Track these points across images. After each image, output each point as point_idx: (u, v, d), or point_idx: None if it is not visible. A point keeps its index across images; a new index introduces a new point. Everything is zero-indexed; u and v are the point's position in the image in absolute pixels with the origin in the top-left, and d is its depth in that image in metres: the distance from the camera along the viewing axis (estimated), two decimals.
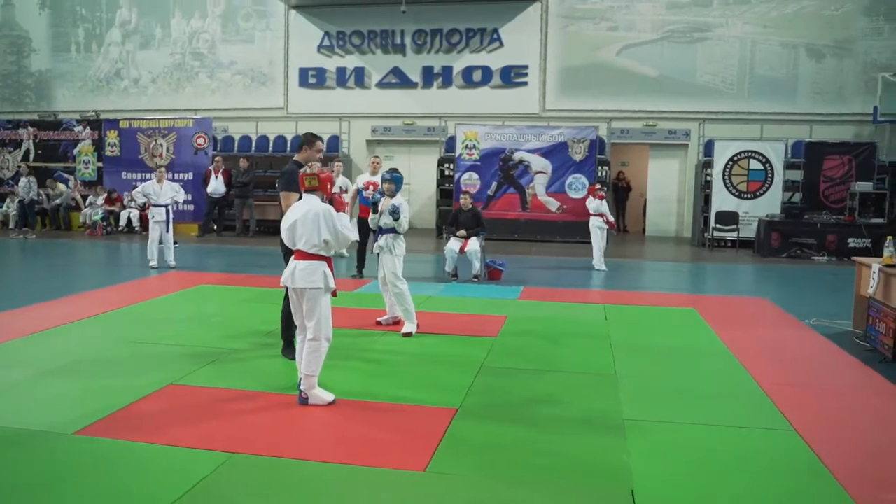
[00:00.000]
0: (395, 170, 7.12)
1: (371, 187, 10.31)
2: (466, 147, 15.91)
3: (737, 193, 14.80)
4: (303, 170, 5.11)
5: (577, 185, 15.41)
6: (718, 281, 11.50)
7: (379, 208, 6.93)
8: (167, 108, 18.65)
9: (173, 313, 7.84)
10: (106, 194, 16.78)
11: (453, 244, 10.26)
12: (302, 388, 4.90)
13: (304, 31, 18.32)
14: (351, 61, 18.23)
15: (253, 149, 17.61)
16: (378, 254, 7.06)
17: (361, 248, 10.52)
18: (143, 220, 16.73)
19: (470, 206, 10.56)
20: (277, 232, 5.36)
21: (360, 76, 18.20)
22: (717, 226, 14.76)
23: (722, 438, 4.33)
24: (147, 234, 11.90)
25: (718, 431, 4.44)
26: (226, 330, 6.98)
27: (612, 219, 11.90)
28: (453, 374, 5.58)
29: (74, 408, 4.78)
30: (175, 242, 11.71)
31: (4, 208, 17.19)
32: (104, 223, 16.32)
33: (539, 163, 15.59)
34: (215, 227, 16.40)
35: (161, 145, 17.15)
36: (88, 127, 17.67)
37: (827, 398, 5.15)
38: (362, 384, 5.36)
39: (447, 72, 17.79)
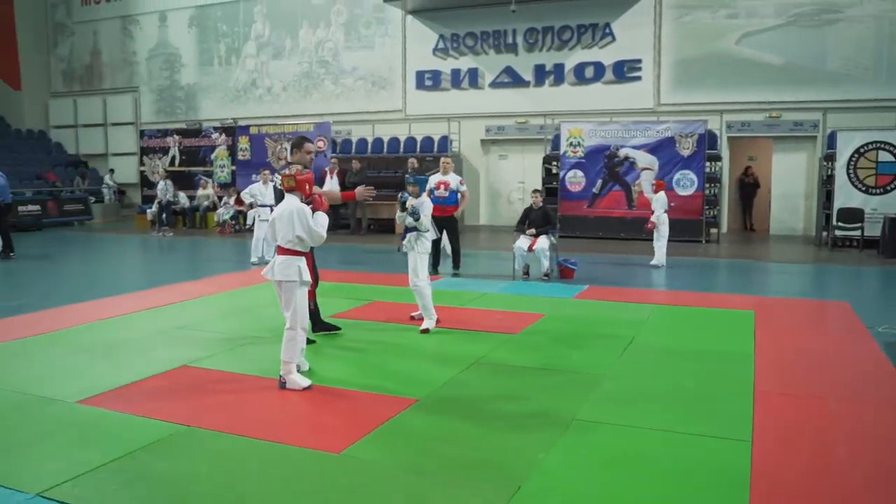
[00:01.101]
0: (419, 170, 7.26)
1: (442, 187, 10.54)
2: (571, 144, 15.69)
3: (863, 188, 13.54)
4: (283, 171, 5.44)
5: (685, 181, 14.75)
6: (808, 283, 10.67)
7: (407, 207, 7.08)
8: (296, 113, 19.86)
9: (233, 304, 8.45)
10: (236, 195, 18.13)
11: (522, 242, 10.24)
12: (281, 373, 5.21)
13: (421, 35, 18.83)
14: (465, 62, 18.51)
15: (369, 150, 18.35)
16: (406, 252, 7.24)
17: (436, 248, 10.73)
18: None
19: (540, 205, 10.47)
20: (390, 230, 5.93)
21: (473, 77, 18.45)
22: (840, 224, 13.58)
23: (662, 444, 4.14)
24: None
25: (664, 437, 4.24)
26: (269, 321, 7.40)
27: (653, 219, 11.54)
28: (438, 368, 5.67)
29: (90, 381, 5.39)
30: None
31: (153, 208, 19.05)
32: (233, 222, 17.67)
33: (645, 159, 15.07)
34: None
35: (286, 149, 18.27)
36: (224, 133, 19.21)
37: (822, 413, 4.71)
38: (344, 373, 5.61)
39: (559, 69, 17.62)
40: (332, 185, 16.61)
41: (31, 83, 23.45)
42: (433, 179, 10.79)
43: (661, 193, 11.57)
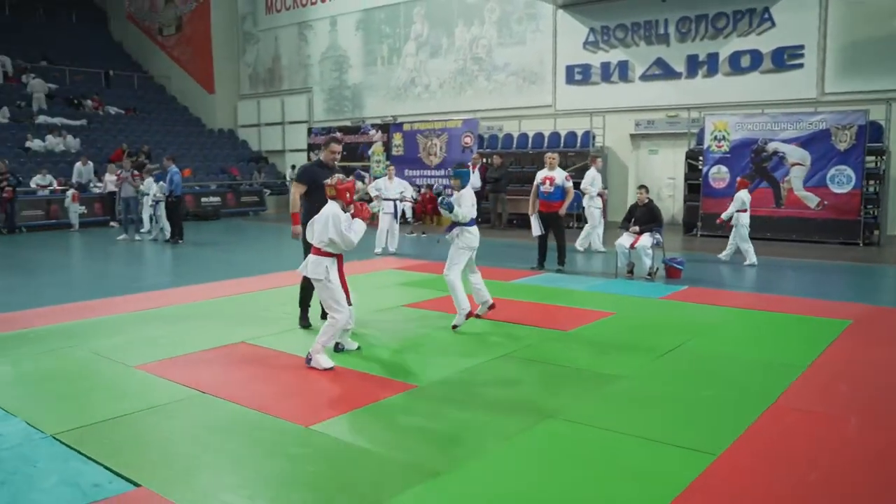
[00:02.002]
0: (461, 165, 7.30)
1: (547, 182, 10.51)
2: (715, 139, 14.86)
3: None
4: (328, 181, 5.82)
5: (840, 178, 13.46)
6: None
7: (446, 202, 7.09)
8: (451, 110, 20.43)
9: None
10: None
11: (624, 240, 9.97)
12: (310, 350, 5.61)
13: (571, 29, 18.65)
14: (615, 55, 18.09)
15: (514, 145, 18.50)
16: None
17: (542, 243, 10.72)
18: (415, 212, 18.73)
19: (647, 201, 10.11)
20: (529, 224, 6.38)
21: (623, 70, 17.97)
22: None
23: (617, 448, 4.03)
24: (414, 225, 14.33)
25: (626, 442, 4.10)
26: (364, 306, 7.77)
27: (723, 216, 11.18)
28: (458, 359, 5.82)
29: (158, 350, 6.11)
30: (423, 233, 13.25)
31: None
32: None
33: (796, 154, 13.93)
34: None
35: (435, 144, 18.94)
36: (380, 130, 20.21)
37: (828, 434, 4.29)
38: (365, 357, 5.92)
39: (712, 59, 16.69)
40: (474, 179, 17.05)
41: (223, 87, 26.03)
42: (540, 175, 10.77)
43: (742, 192, 11.09)
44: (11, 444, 4.16)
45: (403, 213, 18.61)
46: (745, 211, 10.97)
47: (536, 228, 10.65)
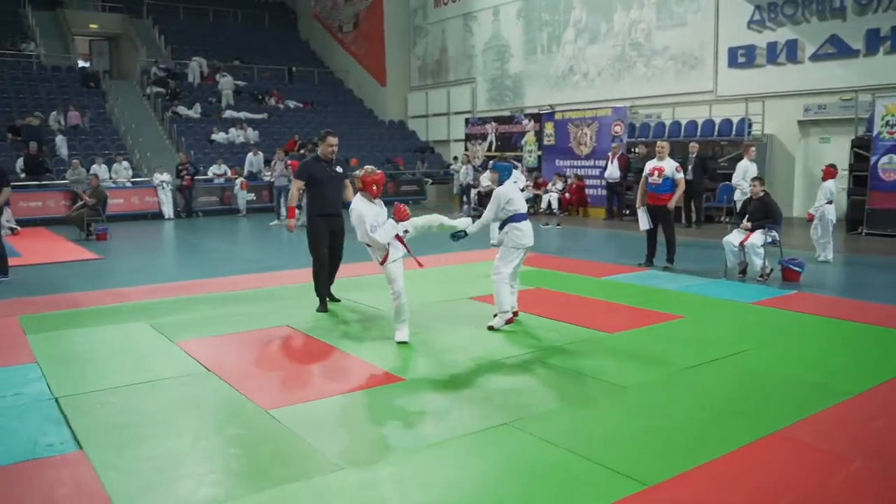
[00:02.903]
0: (503, 158, 6.98)
1: (656, 173, 9.91)
2: (888, 124, 13.12)
3: None
4: (356, 173, 5.98)
5: None
6: None
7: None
8: (609, 98, 19.75)
9: (426, 278, 8.94)
10: (533, 180, 18.87)
11: (732, 237, 9.12)
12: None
13: (735, 8, 17.25)
14: (782, 34, 16.48)
15: (666, 134, 17.52)
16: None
17: (651, 238, 10.13)
18: (562, 203, 18.39)
19: (761, 194, 9.17)
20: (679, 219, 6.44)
21: (791, 49, 16.33)
22: None
23: (542, 462, 3.78)
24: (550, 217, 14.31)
25: (561, 457, 3.83)
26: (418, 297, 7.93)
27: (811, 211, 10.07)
28: (468, 357, 5.69)
29: (205, 329, 6.59)
30: (558, 224, 13.12)
31: (455, 191, 20.85)
32: (528, 205, 18.42)
33: None
34: (616, 210, 17.00)
35: (585, 134, 18.44)
36: (532, 120, 20.01)
37: (809, 475, 3.71)
38: (376, 349, 5.98)
39: None
40: (612, 170, 16.42)
41: (395, 80, 27.05)
42: (649, 165, 10.16)
43: (829, 182, 10.08)
44: (21, 402, 4.70)
45: (549, 203, 18.38)
46: (831, 203, 10.00)
47: (644, 222, 10.07)
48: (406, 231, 6.01)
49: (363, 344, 6.08)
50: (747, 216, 9.22)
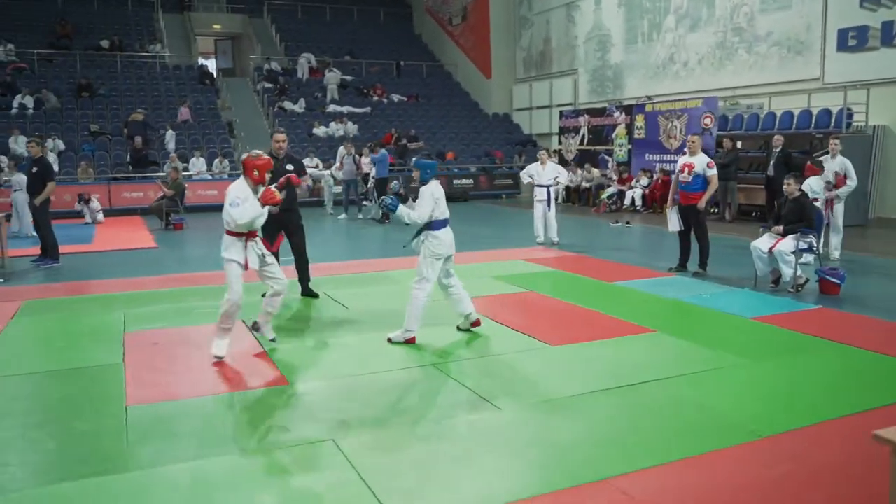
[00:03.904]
0: (427, 155, 6.50)
1: (686, 170, 9.16)
2: None
3: None
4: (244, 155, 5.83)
5: None
6: None
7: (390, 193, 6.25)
8: (708, 88, 18.52)
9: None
10: (618, 174, 18.04)
11: (762, 242, 8.22)
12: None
13: None
14: None
15: (759, 126, 16.14)
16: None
17: (683, 240, 9.36)
18: (645, 200, 17.47)
19: (795, 195, 8.19)
20: (762, 218, 6.21)
21: None
22: None
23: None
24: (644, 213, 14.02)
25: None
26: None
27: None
28: (372, 360, 5.50)
29: (163, 320, 6.78)
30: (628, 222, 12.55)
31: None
32: (609, 201, 17.66)
33: None
34: None
35: (675, 126, 17.38)
36: (623, 112, 19.11)
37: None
38: (289, 350, 5.84)
39: None
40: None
41: (499, 72, 26.72)
42: (679, 161, 9.39)
43: (811, 180, 9.40)
44: None
45: (633, 200, 17.52)
46: (815, 201, 8.92)
47: (674, 223, 9.32)
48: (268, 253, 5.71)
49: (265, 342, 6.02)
50: (779, 218, 8.31)
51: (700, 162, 9.05)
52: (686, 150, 9.35)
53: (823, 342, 5.95)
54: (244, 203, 5.42)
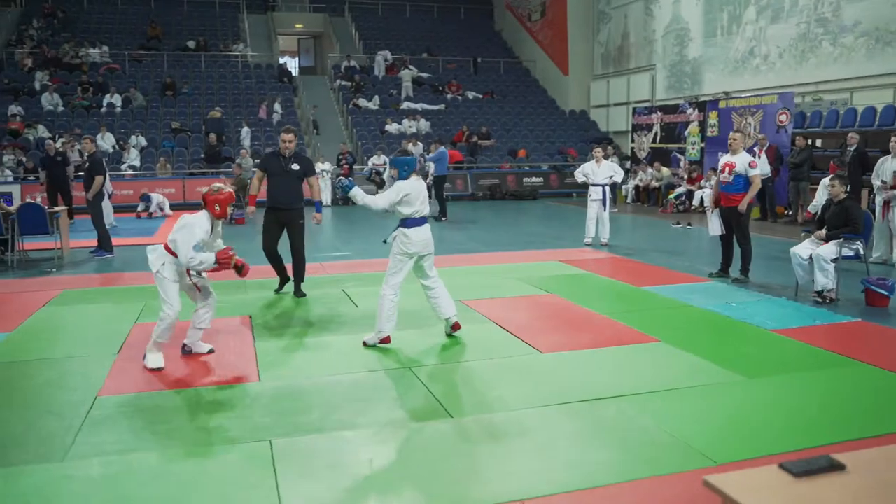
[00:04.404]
0: (404, 151, 6.30)
1: (727, 169, 8.69)
2: None
3: None
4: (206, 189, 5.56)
5: None
6: None
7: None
8: (789, 83, 17.55)
9: (474, 278, 8.78)
10: (688, 174, 17.36)
11: (802, 248, 7.69)
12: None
13: None
14: None
15: (838, 124, 15.15)
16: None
17: (726, 244, 8.90)
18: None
19: (841, 197, 7.60)
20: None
21: None
22: None
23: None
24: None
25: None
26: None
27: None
28: (336, 364, 5.46)
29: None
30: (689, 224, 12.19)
31: (626, 185, 19.71)
32: (676, 201, 17.01)
33: None
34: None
35: (749, 123, 16.56)
36: (696, 109, 18.36)
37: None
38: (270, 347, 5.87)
39: None
40: (761, 164, 14.73)
41: (577, 68, 26.18)
42: (722, 160, 8.90)
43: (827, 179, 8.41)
44: None
45: (701, 200, 16.78)
46: None
47: (715, 227, 8.85)
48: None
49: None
50: (823, 222, 7.75)
51: (741, 161, 8.55)
52: (728, 147, 8.84)
53: (842, 359, 5.48)
54: (201, 254, 5.14)
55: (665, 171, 18.66)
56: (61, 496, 3.40)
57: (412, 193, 5.77)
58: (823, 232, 7.62)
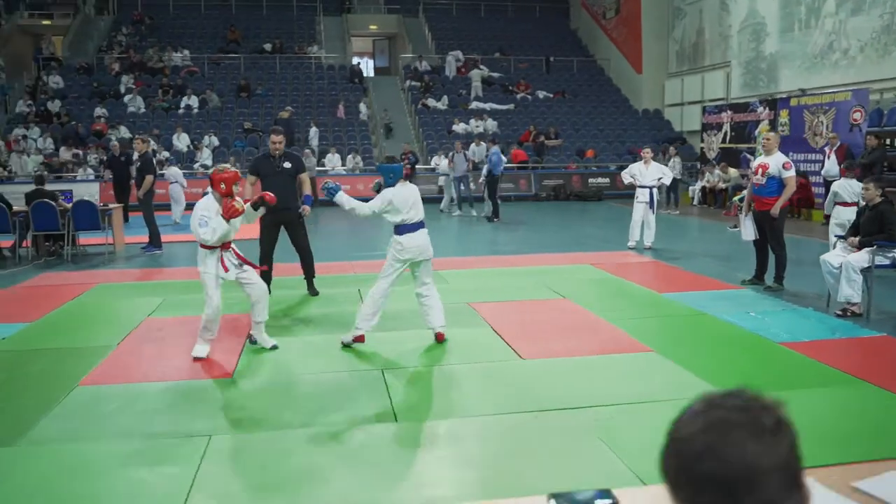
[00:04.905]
0: (391, 158, 6.20)
1: (760, 170, 8.29)
2: None
3: None
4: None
5: None
6: None
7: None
8: (871, 78, 16.57)
9: (493, 281, 8.74)
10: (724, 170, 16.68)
11: (833, 255, 7.23)
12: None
13: None
14: None
15: None
16: None
17: (760, 250, 8.49)
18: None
19: (876, 202, 7.09)
20: None
21: None
22: None
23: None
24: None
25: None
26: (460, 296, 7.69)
27: None
28: (310, 360, 5.49)
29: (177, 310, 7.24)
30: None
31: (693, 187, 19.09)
32: (741, 203, 16.30)
33: None
34: None
35: (821, 122, 15.73)
36: (766, 107, 17.58)
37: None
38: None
39: None
40: (829, 165, 14.06)
41: (651, 66, 25.46)
42: (755, 161, 8.49)
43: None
44: None
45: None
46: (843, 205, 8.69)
47: (749, 232, 8.44)
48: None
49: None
50: (857, 228, 7.28)
51: (775, 162, 8.14)
52: (763, 148, 8.43)
53: (847, 378, 5.11)
54: (211, 221, 5.38)
55: (732, 172, 17.92)
56: None
57: (396, 201, 5.68)
58: (857, 239, 7.15)
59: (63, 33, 25.82)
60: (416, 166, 20.09)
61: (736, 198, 16.55)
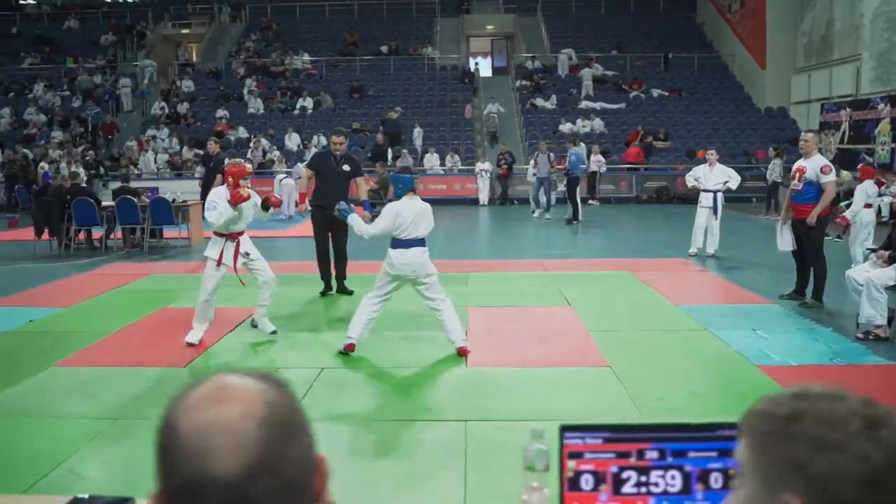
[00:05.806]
0: (406, 168, 6.16)
1: (797, 175, 7.71)
2: None
3: None
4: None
5: None
6: None
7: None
8: None
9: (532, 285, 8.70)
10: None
11: (858, 271, 6.60)
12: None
13: None
14: None
15: None
16: None
17: (799, 262, 7.89)
18: (893, 210, 14.56)
19: None
20: None
21: None
22: None
23: None
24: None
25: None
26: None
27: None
28: (287, 354, 5.77)
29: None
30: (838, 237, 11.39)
31: None
32: (846, 210, 15.03)
33: None
34: None
35: None
36: (888, 104, 16.08)
37: None
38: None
39: None
40: None
41: (775, 61, 23.78)
42: (795, 165, 7.86)
43: (866, 183, 9.27)
44: None
45: (880, 209, 14.70)
46: (869, 206, 9.03)
47: (786, 241, 7.84)
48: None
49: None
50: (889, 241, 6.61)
51: (813, 166, 7.49)
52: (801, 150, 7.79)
53: None
54: (219, 206, 5.81)
55: (845, 175, 16.48)
56: None
57: (402, 218, 5.44)
58: (887, 253, 6.49)
59: (199, 41, 27.92)
60: (513, 166, 20.12)
61: (843, 203, 15.31)
